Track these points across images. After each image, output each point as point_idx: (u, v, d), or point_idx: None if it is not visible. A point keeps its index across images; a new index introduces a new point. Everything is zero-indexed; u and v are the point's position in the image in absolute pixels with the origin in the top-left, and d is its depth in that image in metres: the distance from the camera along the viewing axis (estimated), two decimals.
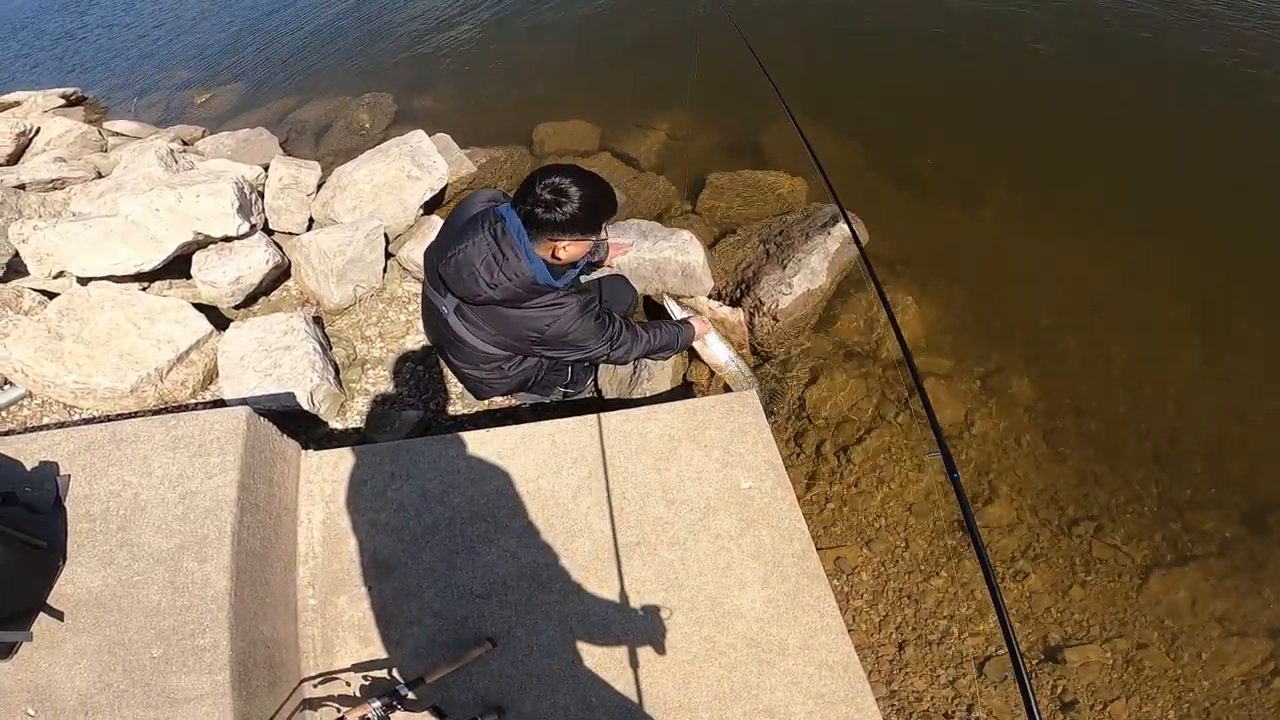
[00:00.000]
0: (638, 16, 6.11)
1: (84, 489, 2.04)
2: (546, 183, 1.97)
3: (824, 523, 2.62)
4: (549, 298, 2.17)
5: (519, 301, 2.15)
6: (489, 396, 2.78)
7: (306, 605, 2.18)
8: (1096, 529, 2.52)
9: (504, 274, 2.06)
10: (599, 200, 2.03)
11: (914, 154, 4.03)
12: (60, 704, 1.77)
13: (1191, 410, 2.80)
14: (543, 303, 2.17)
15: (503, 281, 2.07)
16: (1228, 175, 3.57)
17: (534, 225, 2.01)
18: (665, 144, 4.62)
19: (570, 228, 2.00)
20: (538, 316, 2.18)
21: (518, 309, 2.18)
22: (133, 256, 3.20)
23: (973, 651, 2.29)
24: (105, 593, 1.89)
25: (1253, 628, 2.30)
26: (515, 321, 2.21)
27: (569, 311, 2.19)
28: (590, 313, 2.24)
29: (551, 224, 1.99)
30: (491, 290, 2.09)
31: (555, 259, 2.10)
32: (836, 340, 3.19)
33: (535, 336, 2.23)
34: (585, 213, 1.99)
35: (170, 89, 7.91)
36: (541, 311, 2.18)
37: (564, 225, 1.99)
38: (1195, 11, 4.60)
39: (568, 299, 2.20)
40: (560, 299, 2.18)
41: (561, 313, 2.18)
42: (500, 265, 2.06)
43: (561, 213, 1.97)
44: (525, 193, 2.01)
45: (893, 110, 4.33)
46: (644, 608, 2.06)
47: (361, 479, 2.36)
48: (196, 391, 3.05)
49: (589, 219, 2.01)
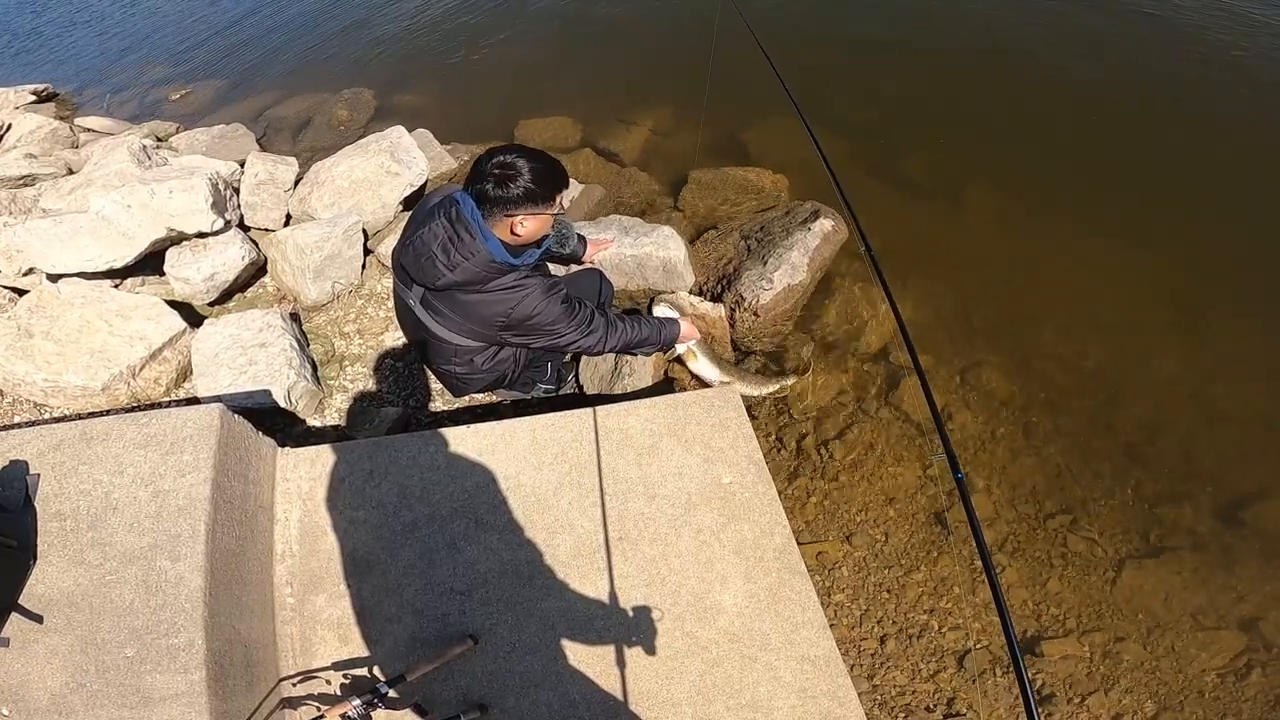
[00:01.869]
0: (624, 12, 6.10)
1: (54, 487, 2.00)
2: (495, 161, 1.98)
3: (805, 518, 2.62)
4: (510, 278, 2.14)
5: (480, 284, 2.12)
6: (466, 393, 2.75)
7: (284, 604, 2.15)
8: (1072, 522, 2.54)
9: (460, 254, 2.05)
10: (549, 172, 2.03)
11: (898, 152, 4.04)
12: (34, 704, 1.74)
13: (1167, 407, 2.83)
14: (504, 284, 2.14)
15: (460, 262, 2.06)
16: (1208, 176, 3.61)
17: (488, 203, 2.01)
18: (648, 140, 4.62)
19: (524, 201, 1.99)
20: (501, 299, 2.16)
21: (480, 293, 2.15)
22: (104, 253, 3.15)
23: (952, 646, 2.30)
24: (77, 592, 1.85)
25: (1226, 621, 2.33)
26: (479, 306, 2.18)
27: (533, 293, 2.16)
28: (556, 294, 2.21)
29: (504, 199, 1.99)
30: (450, 272, 2.08)
31: (514, 236, 2.08)
32: (817, 336, 3.20)
33: (501, 321, 2.20)
34: (537, 184, 1.99)
35: (144, 85, 7.78)
36: (504, 294, 2.15)
37: (518, 199, 1.98)
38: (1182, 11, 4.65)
39: (530, 280, 2.17)
40: (522, 280, 2.16)
41: (525, 295, 2.15)
42: (456, 246, 2.06)
43: (514, 186, 1.97)
44: (475, 173, 2.01)
45: (875, 108, 4.34)
46: (627, 604, 2.05)
47: (340, 476, 2.33)
48: (170, 389, 3.00)
49: (542, 190, 2.00)
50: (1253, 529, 2.49)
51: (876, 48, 4.93)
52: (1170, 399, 2.85)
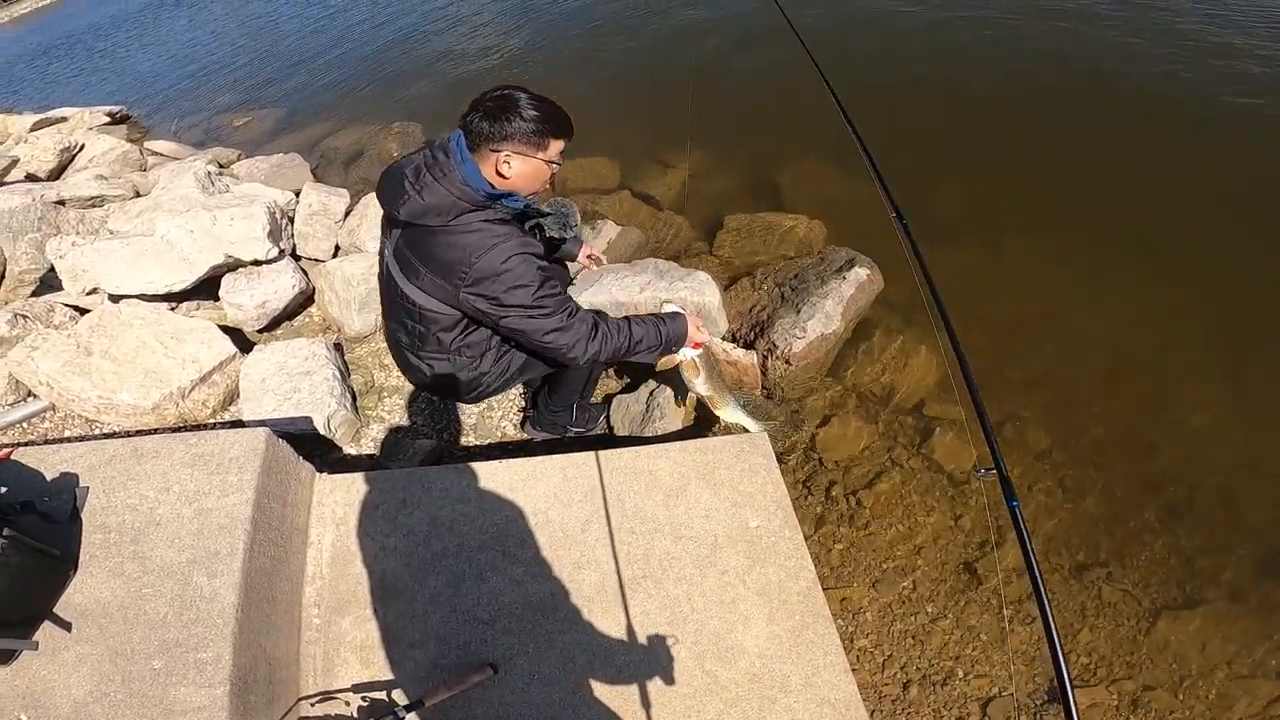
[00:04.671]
0: (660, 56, 6.30)
1: (102, 501, 2.08)
2: (494, 93, 1.86)
3: (831, 564, 2.61)
4: (480, 216, 1.92)
5: (446, 213, 1.90)
6: (437, 392, 2.52)
7: (310, 624, 2.19)
8: (1108, 575, 2.50)
9: (431, 174, 1.89)
10: (547, 112, 1.87)
11: (934, 198, 4.06)
12: (55, 712, 1.77)
13: (1206, 460, 2.77)
14: (471, 224, 1.92)
15: (429, 183, 1.88)
16: (1251, 223, 3.58)
17: (475, 135, 1.86)
18: (685, 182, 4.71)
19: (514, 136, 1.84)
20: (466, 242, 1.91)
21: (444, 230, 1.92)
22: (165, 276, 3.30)
23: (976, 693, 2.26)
24: (113, 603, 1.91)
25: (1261, 670, 2.27)
26: (443, 248, 1.94)
27: (503, 244, 1.91)
28: (532, 258, 1.95)
29: (492, 133, 1.84)
30: (416, 194, 1.89)
31: (499, 177, 1.90)
32: (849, 385, 3.21)
33: (463, 273, 1.92)
34: (533, 122, 1.84)
35: (210, 111, 8.21)
36: (470, 237, 1.91)
37: (506, 134, 1.83)
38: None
39: (503, 228, 1.95)
40: (493, 223, 1.94)
41: (494, 242, 1.90)
42: (429, 168, 1.90)
43: (505, 118, 1.82)
44: (471, 105, 1.88)
45: (910, 153, 4.38)
46: (648, 640, 2.06)
47: (374, 503, 2.39)
48: (216, 411, 3.11)
49: (537, 129, 1.85)
50: None
51: (911, 94, 5.02)
52: (1209, 451, 2.80)
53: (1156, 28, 5.13)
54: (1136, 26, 5.17)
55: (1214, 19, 5.08)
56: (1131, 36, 5.10)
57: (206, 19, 16.12)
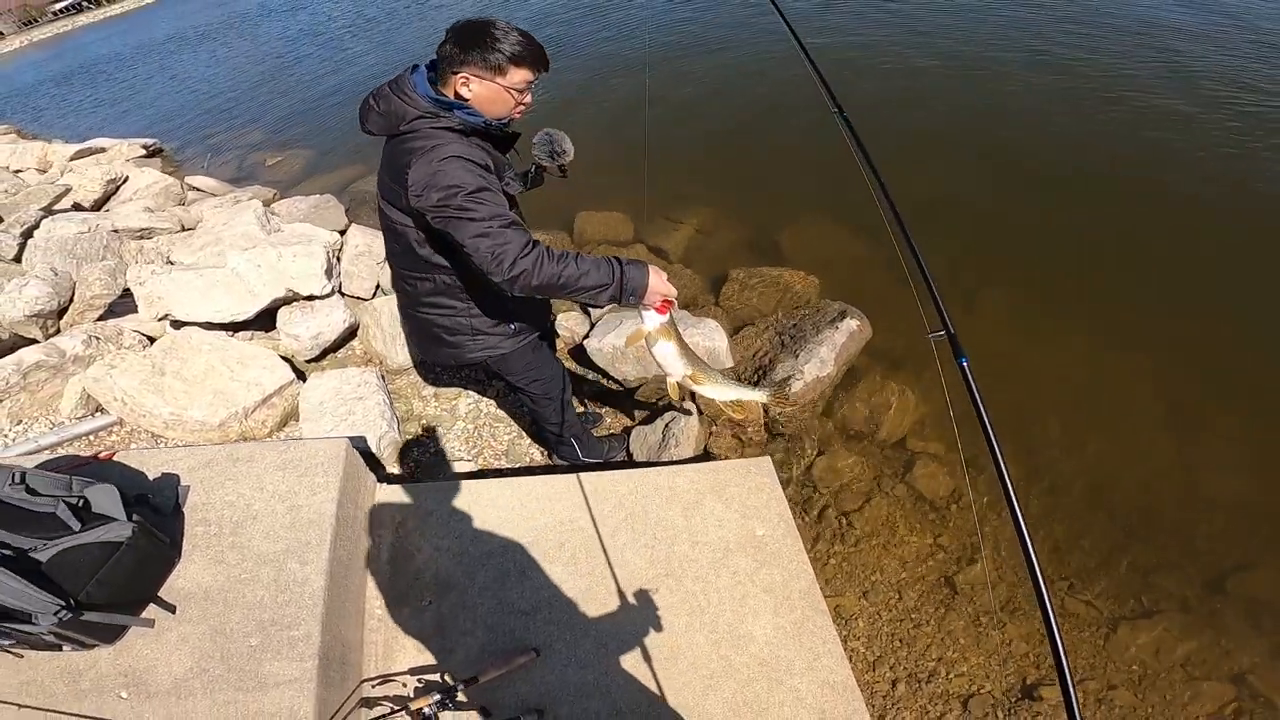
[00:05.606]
0: (674, 116, 6.74)
1: (202, 498, 2.41)
2: (472, 20, 1.88)
3: (826, 576, 2.94)
4: (430, 123, 1.93)
5: (400, 119, 1.94)
6: (440, 346, 2.44)
7: (373, 614, 2.49)
8: (1070, 587, 2.83)
9: (392, 90, 1.95)
10: (515, 41, 1.87)
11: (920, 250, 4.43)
12: (154, 687, 2.01)
13: (1160, 492, 3.12)
14: (423, 129, 1.93)
15: (386, 94, 1.95)
16: (1201, 273, 3.95)
17: (441, 59, 1.91)
18: (692, 238, 5.13)
19: (473, 60, 1.86)
20: (411, 145, 1.93)
21: (398, 136, 1.97)
22: (231, 306, 3.66)
23: (958, 690, 2.58)
24: (214, 587, 2.21)
25: (1215, 673, 2.57)
26: (397, 155, 1.98)
27: (445, 147, 1.90)
28: (470, 163, 1.91)
29: (453, 56, 1.87)
30: (376, 105, 1.96)
31: (459, 99, 1.93)
32: (840, 422, 3.58)
33: (406, 173, 1.91)
34: (494, 48, 1.85)
35: (239, 149, 8.55)
36: (416, 140, 1.93)
37: (467, 58, 1.85)
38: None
39: (450, 135, 1.94)
40: (441, 129, 1.94)
41: (435, 143, 1.91)
42: (390, 86, 1.96)
43: (469, 43, 1.84)
44: (446, 32, 1.91)
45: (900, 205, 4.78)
46: (670, 629, 2.38)
47: (428, 509, 2.73)
48: (274, 431, 3.44)
49: (496, 54, 1.86)
50: (1237, 596, 2.75)
51: (902, 151, 5.32)
52: (1163, 485, 3.14)
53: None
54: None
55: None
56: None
57: (228, 54, 16.60)
